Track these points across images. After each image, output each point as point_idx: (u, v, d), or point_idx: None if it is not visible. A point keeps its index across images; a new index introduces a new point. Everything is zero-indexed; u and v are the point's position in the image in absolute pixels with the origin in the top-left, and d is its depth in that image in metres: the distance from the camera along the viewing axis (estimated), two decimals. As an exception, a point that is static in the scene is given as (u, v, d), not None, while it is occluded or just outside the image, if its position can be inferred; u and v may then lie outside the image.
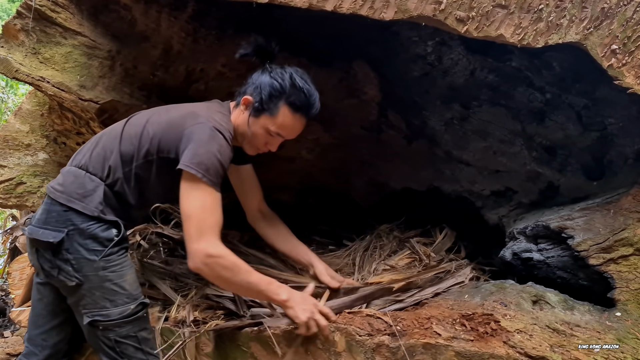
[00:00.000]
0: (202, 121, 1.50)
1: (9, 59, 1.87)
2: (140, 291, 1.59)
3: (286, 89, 1.59)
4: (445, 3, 1.60)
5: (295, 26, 2.21)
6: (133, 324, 1.53)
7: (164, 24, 2.01)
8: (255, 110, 1.61)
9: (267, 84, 1.59)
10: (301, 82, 1.61)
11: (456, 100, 2.41)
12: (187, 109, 1.59)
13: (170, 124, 1.54)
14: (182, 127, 1.51)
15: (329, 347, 1.64)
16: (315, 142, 2.78)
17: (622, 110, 2.02)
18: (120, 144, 1.56)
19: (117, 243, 1.53)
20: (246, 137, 1.66)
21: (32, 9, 1.83)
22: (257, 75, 1.65)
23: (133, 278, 1.57)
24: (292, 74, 1.61)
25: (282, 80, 1.59)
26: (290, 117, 1.62)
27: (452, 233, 2.56)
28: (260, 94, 1.60)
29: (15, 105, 5.86)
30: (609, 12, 1.55)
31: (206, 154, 1.44)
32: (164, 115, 1.60)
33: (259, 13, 1.86)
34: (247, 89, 1.65)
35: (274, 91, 1.58)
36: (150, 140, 1.54)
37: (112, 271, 1.50)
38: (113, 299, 1.50)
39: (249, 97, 1.61)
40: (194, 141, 1.45)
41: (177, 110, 1.62)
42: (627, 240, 1.74)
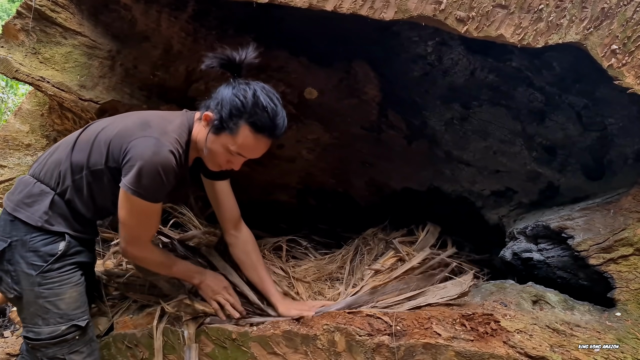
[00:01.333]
0: (149, 134, 1.43)
1: (9, 59, 1.87)
2: (82, 311, 1.53)
3: (248, 107, 1.46)
4: (445, 3, 1.60)
5: (295, 26, 2.21)
6: (62, 345, 1.48)
7: (164, 24, 2.01)
8: (215, 128, 1.50)
9: (228, 101, 1.48)
10: (265, 101, 1.47)
11: (456, 100, 2.41)
12: (142, 118, 1.51)
13: (120, 133, 1.47)
14: (129, 137, 1.44)
15: (329, 347, 1.64)
16: (315, 142, 2.78)
17: (622, 110, 2.02)
18: (72, 152, 1.51)
19: (61, 258, 1.48)
20: (207, 153, 1.56)
21: (32, 8, 1.83)
22: (221, 89, 1.54)
23: (74, 297, 1.51)
24: (256, 91, 1.48)
25: (244, 98, 1.46)
26: (252, 138, 1.48)
27: (436, 228, 2.55)
28: (221, 111, 1.48)
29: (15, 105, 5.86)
30: (609, 12, 1.55)
31: (147, 173, 1.39)
32: (120, 123, 1.52)
33: (259, 13, 1.86)
34: (210, 103, 1.54)
35: (235, 109, 1.46)
36: (100, 148, 1.48)
37: (48, 288, 1.45)
38: (45, 317, 1.45)
39: (209, 114, 1.50)
40: (135, 156, 1.40)
41: (133, 118, 1.53)
42: (627, 240, 1.74)
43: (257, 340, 1.68)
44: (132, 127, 1.46)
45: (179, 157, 1.46)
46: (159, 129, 1.46)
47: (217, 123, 1.49)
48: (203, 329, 1.73)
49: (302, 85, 2.51)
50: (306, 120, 2.69)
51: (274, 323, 1.71)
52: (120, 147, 1.44)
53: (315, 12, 1.69)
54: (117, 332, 1.80)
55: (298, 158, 2.83)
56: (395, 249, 2.35)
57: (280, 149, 2.82)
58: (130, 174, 1.40)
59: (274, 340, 1.67)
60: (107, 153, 1.47)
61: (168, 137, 1.45)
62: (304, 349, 1.66)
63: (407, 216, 2.84)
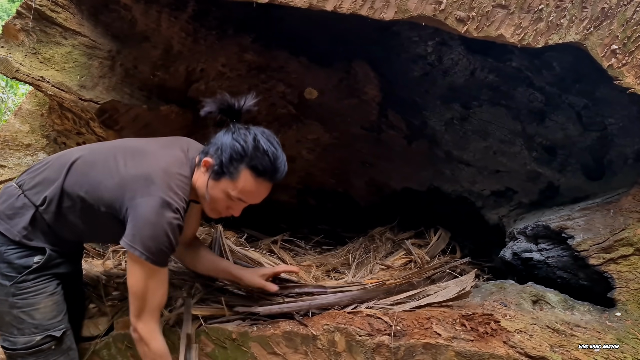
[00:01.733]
0: (154, 193, 1.37)
1: (9, 59, 1.87)
2: (58, 321, 1.51)
3: (248, 151, 1.44)
4: (445, 3, 1.60)
5: (295, 26, 2.21)
6: (37, 355, 1.46)
7: (164, 24, 2.01)
8: (215, 174, 1.47)
9: (229, 146, 1.45)
10: (266, 145, 1.45)
11: (456, 100, 2.41)
12: (144, 169, 1.43)
13: (122, 184, 1.41)
14: (132, 192, 1.39)
15: (329, 347, 1.64)
16: (315, 142, 2.78)
17: (622, 110, 2.02)
18: (65, 178, 1.45)
19: (37, 271, 1.46)
20: (206, 200, 1.52)
21: (32, 9, 1.83)
22: (220, 135, 1.51)
23: (49, 307, 1.48)
24: (256, 135, 1.47)
25: (244, 143, 1.44)
26: (252, 182, 1.46)
27: (447, 234, 2.56)
28: (221, 157, 1.46)
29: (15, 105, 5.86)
30: (609, 12, 1.55)
31: (152, 235, 1.36)
32: (121, 166, 1.45)
33: (259, 13, 1.86)
34: (210, 149, 1.51)
35: (235, 154, 1.44)
36: (98, 191, 1.43)
37: (23, 298, 1.44)
38: (20, 327, 1.44)
39: (209, 160, 1.47)
40: (139, 217, 1.36)
41: (134, 163, 1.46)
42: (627, 240, 1.74)
43: (257, 340, 1.68)
44: (135, 181, 1.40)
45: (182, 213, 1.44)
46: (163, 185, 1.40)
47: (217, 168, 1.46)
48: (203, 329, 1.73)
49: (302, 85, 2.51)
50: (306, 120, 2.69)
51: (274, 323, 1.71)
52: (122, 202, 1.40)
53: (315, 12, 1.68)
54: (117, 332, 1.80)
55: (298, 158, 2.83)
56: (407, 250, 2.36)
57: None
58: (133, 234, 1.36)
59: (274, 340, 1.67)
60: (107, 200, 1.42)
61: (173, 195, 1.40)
62: (304, 349, 1.66)
63: (408, 216, 2.84)
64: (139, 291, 1.43)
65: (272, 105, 2.60)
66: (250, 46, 2.29)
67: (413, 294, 1.84)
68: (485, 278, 2.29)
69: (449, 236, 2.55)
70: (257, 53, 2.32)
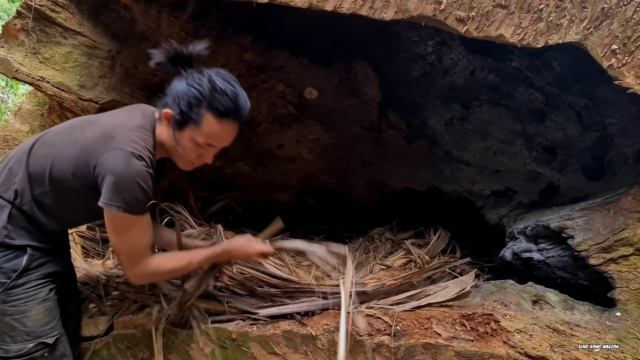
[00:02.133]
0: (116, 146, 1.37)
1: (9, 59, 1.87)
2: (50, 327, 1.48)
3: (206, 94, 1.40)
4: (445, 3, 1.60)
5: (295, 26, 2.21)
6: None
7: (164, 24, 2.01)
8: (178, 124, 1.44)
9: (185, 93, 1.42)
10: (222, 84, 1.41)
11: (456, 100, 2.41)
12: (102, 129, 1.42)
13: (84, 148, 1.40)
14: (95, 153, 1.37)
15: (329, 347, 1.64)
16: (315, 142, 2.78)
17: (622, 110, 2.02)
18: (27, 165, 1.42)
19: (24, 273, 1.42)
20: (176, 153, 1.50)
21: (32, 8, 1.83)
22: (174, 84, 1.46)
23: (41, 313, 1.45)
24: (211, 76, 1.42)
25: (199, 86, 1.40)
26: (217, 125, 1.43)
27: (447, 234, 2.56)
28: (180, 105, 1.42)
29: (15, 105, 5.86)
30: (609, 12, 1.55)
31: (124, 186, 1.35)
32: (78, 136, 1.43)
33: (259, 13, 1.86)
34: (167, 100, 1.47)
35: (193, 99, 1.40)
36: (61, 164, 1.41)
37: (13, 305, 1.41)
38: (12, 334, 1.41)
39: (168, 111, 1.43)
40: (109, 172, 1.35)
41: (91, 129, 1.44)
42: (627, 240, 1.74)
43: (257, 340, 1.68)
44: (95, 142, 1.39)
45: (150, 162, 1.42)
46: (123, 138, 1.39)
47: (179, 118, 1.43)
48: (203, 329, 1.73)
49: (302, 85, 2.51)
50: (306, 120, 2.69)
51: (274, 323, 1.71)
52: (87, 165, 1.38)
53: (315, 12, 1.68)
54: (117, 332, 1.80)
55: (298, 158, 2.83)
56: (406, 250, 2.36)
57: (280, 149, 2.82)
58: (108, 192, 1.35)
59: (274, 340, 1.67)
60: (73, 170, 1.40)
61: (135, 145, 1.39)
62: (304, 349, 1.66)
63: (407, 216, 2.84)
64: (126, 245, 1.43)
65: (272, 105, 2.60)
66: (250, 46, 2.29)
67: (413, 294, 1.84)
68: (485, 278, 2.29)
69: (449, 236, 2.55)
70: (257, 53, 2.32)
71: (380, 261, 2.28)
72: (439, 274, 2.07)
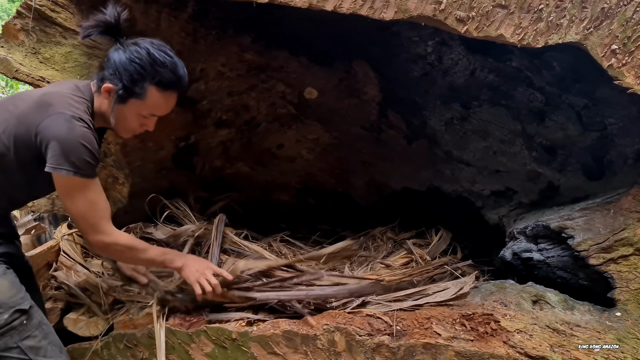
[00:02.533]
0: (56, 111, 1.36)
1: (9, 58, 1.87)
2: (21, 297, 1.42)
3: (147, 68, 1.43)
4: (445, 3, 1.60)
5: (295, 26, 2.21)
6: (11, 334, 1.37)
7: (164, 24, 2.01)
8: (120, 98, 1.46)
9: (126, 67, 1.43)
10: (162, 57, 1.44)
11: (456, 100, 2.41)
12: (36, 98, 1.41)
13: (21, 119, 1.38)
14: (35, 121, 1.35)
15: (329, 347, 1.64)
16: (315, 142, 2.79)
17: (622, 110, 2.02)
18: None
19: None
20: (118, 123, 1.52)
21: (32, 8, 1.83)
22: (112, 56, 1.46)
23: (6, 285, 1.40)
24: (149, 50, 1.44)
25: (140, 60, 1.43)
26: (161, 97, 1.48)
27: (448, 234, 2.55)
28: (122, 80, 1.43)
29: (15, 105, 5.85)
30: (609, 12, 1.55)
31: (70, 148, 1.34)
32: (13, 109, 1.41)
33: (259, 13, 1.86)
34: (105, 73, 1.47)
35: (136, 74, 1.43)
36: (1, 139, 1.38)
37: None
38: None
39: (110, 86, 1.45)
40: (52, 137, 1.33)
41: (23, 101, 1.42)
42: (627, 240, 1.74)
43: (257, 340, 1.68)
44: (32, 111, 1.38)
45: (91, 125, 1.42)
46: (60, 103, 1.39)
47: (122, 92, 1.45)
48: (203, 328, 1.73)
49: (302, 85, 2.51)
50: (306, 120, 2.69)
51: (274, 323, 1.71)
52: (28, 134, 1.36)
53: (315, 12, 1.68)
54: (117, 332, 1.80)
55: (298, 158, 2.83)
56: (408, 250, 2.36)
57: (280, 149, 2.82)
58: (54, 156, 1.33)
59: (274, 340, 1.67)
60: (13, 142, 1.37)
61: (74, 109, 1.39)
62: (304, 349, 1.66)
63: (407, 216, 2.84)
64: (83, 210, 1.42)
65: (272, 105, 2.60)
66: (250, 46, 2.29)
67: (412, 292, 1.84)
68: (485, 278, 2.29)
69: (450, 237, 2.55)
70: (257, 53, 2.32)
71: (381, 260, 2.28)
72: (439, 274, 2.07)
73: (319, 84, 2.49)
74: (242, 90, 2.47)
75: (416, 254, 2.28)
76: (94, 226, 1.47)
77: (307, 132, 2.74)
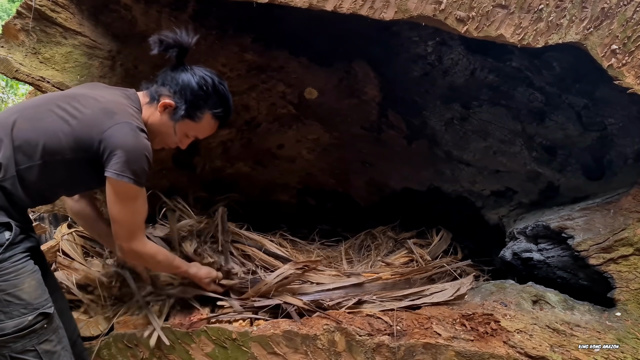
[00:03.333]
0: (121, 120, 1.43)
1: (9, 59, 1.87)
2: (45, 299, 1.44)
3: (212, 97, 1.58)
4: (445, 3, 1.60)
5: (295, 26, 2.21)
6: (31, 337, 1.39)
7: (165, 24, 2.01)
8: (178, 116, 1.56)
9: (194, 91, 1.55)
10: (223, 91, 1.60)
11: (456, 100, 2.41)
12: (99, 105, 1.46)
13: (86, 122, 1.43)
14: (100, 128, 1.41)
15: (329, 347, 1.64)
16: (315, 142, 2.78)
17: (622, 110, 2.02)
18: (12, 139, 1.40)
19: (10, 247, 1.39)
20: (160, 137, 1.62)
21: (32, 8, 1.83)
22: (176, 75, 1.58)
23: (34, 285, 1.42)
24: (214, 81, 1.59)
25: (206, 88, 1.56)
26: (211, 124, 1.63)
27: (449, 235, 2.56)
28: (185, 100, 1.55)
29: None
30: (609, 12, 1.55)
31: (134, 158, 1.42)
32: (71, 110, 1.45)
33: (259, 13, 1.86)
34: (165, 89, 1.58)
35: (201, 100, 1.56)
36: (58, 138, 1.41)
37: (5, 280, 1.37)
38: (7, 310, 1.37)
39: (170, 102, 1.55)
40: (119, 146, 1.40)
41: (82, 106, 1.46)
42: (627, 240, 1.74)
43: (257, 340, 1.68)
44: (97, 117, 1.43)
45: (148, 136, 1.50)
46: (124, 113, 1.46)
47: (184, 112, 1.56)
48: (203, 328, 1.73)
49: (302, 85, 2.51)
50: (306, 120, 2.69)
51: (274, 323, 1.71)
52: (90, 139, 1.41)
53: (315, 12, 1.69)
54: (117, 332, 1.80)
55: (298, 158, 2.83)
56: (408, 249, 2.36)
57: (280, 149, 2.82)
58: (119, 163, 1.39)
59: (274, 340, 1.67)
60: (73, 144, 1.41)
61: (136, 120, 1.47)
62: (304, 349, 1.66)
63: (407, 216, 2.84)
64: (128, 215, 1.50)
65: (272, 105, 2.60)
66: (250, 46, 2.29)
67: (410, 292, 1.84)
68: (485, 278, 2.29)
69: (451, 237, 2.55)
70: (257, 53, 2.32)
71: (381, 258, 2.29)
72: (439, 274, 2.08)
73: (319, 84, 2.49)
74: (242, 91, 2.47)
75: (417, 254, 2.28)
76: (133, 233, 1.53)
77: (307, 132, 2.74)
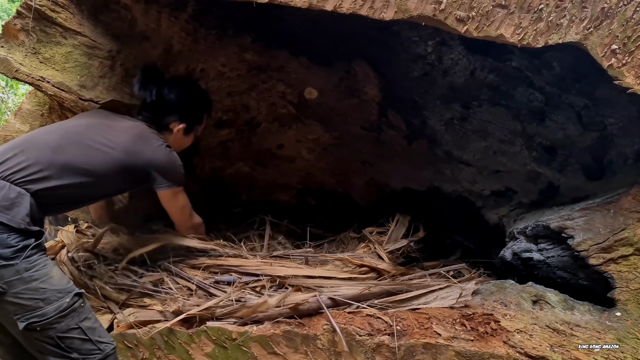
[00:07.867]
0: (157, 144, 1.84)
1: (9, 59, 1.87)
2: (72, 284, 1.57)
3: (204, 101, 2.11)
4: (445, 3, 1.60)
5: (295, 26, 2.21)
6: (72, 316, 1.51)
7: (164, 24, 2.01)
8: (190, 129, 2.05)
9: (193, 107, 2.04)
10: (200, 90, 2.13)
11: (456, 100, 2.41)
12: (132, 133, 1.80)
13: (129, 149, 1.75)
14: (144, 152, 1.79)
15: (329, 347, 1.64)
16: (315, 142, 2.79)
17: (622, 110, 2.02)
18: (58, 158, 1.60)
19: (35, 248, 1.51)
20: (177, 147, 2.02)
21: (32, 8, 1.83)
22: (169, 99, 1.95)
23: (60, 273, 1.56)
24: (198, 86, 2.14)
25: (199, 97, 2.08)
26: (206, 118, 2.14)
27: (405, 218, 2.58)
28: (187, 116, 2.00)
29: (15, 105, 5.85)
30: (609, 12, 1.55)
31: (176, 170, 1.89)
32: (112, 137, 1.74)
33: (259, 13, 1.86)
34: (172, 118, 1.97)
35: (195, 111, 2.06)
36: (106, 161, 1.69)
37: (37, 270, 1.48)
38: (44, 297, 1.47)
39: (182, 126, 1.99)
40: (165, 164, 1.84)
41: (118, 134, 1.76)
42: (627, 240, 1.74)
43: (258, 340, 1.68)
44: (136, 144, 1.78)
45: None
46: (153, 137, 1.86)
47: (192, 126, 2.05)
48: (203, 328, 1.73)
49: (302, 85, 2.51)
50: (306, 120, 2.70)
51: (274, 323, 1.71)
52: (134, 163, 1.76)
53: (315, 12, 1.69)
54: (117, 332, 1.80)
55: (298, 158, 2.83)
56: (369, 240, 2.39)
57: (281, 149, 2.82)
58: (167, 177, 1.84)
59: (274, 340, 1.67)
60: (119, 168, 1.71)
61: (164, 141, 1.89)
62: (304, 349, 1.66)
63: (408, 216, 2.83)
64: (182, 206, 1.99)
65: (272, 105, 2.60)
66: (250, 46, 2.29)
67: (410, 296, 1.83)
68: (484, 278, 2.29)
69: (408, 219, 2.57)
70: (257, 53, 2.32)
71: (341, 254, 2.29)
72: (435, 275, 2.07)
73: (319, 84, 2.49)
74: (242, 91, 2.48)
75: (373, 241, 2.36)
76: (190, 215, 2.05)
77: (307, 132, 2.74)
